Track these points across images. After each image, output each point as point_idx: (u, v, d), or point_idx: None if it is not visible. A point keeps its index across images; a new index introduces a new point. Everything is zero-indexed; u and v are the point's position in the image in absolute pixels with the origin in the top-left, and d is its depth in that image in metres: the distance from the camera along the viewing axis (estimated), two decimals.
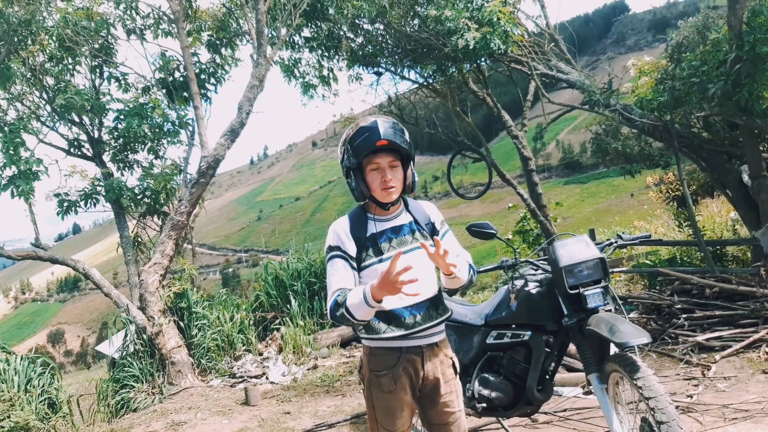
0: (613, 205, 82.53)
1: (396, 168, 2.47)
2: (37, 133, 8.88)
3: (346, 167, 2.52)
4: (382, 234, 2.50)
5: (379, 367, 2.48)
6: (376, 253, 2.46)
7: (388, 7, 8.83)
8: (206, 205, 9.20)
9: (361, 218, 2.54)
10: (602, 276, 3.23)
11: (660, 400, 2.62)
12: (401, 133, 2.46)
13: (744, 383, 4.68)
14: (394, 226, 2.53)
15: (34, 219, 8.48)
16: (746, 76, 6.12)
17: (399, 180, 2.48)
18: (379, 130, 2.40)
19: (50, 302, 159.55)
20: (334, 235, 2.50)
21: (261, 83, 8.11)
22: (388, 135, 2.40)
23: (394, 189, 2.46)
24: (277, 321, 8.69)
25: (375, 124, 2.42)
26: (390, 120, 2.48)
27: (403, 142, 2.44)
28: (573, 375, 5.22)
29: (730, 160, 8.03)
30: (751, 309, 5.81)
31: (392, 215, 2.55)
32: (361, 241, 2.48)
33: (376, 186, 2.46)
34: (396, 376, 2.45)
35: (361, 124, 2.46)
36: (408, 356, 2.47)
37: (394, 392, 2.46)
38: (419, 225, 2.57)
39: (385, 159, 2.45)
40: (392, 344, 2.46)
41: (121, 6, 9.25)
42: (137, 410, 6.76)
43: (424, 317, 2.46)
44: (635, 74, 8.00)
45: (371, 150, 2.42)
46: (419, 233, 2.55)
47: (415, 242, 2.50)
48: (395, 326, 2.43)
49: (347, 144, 2.49)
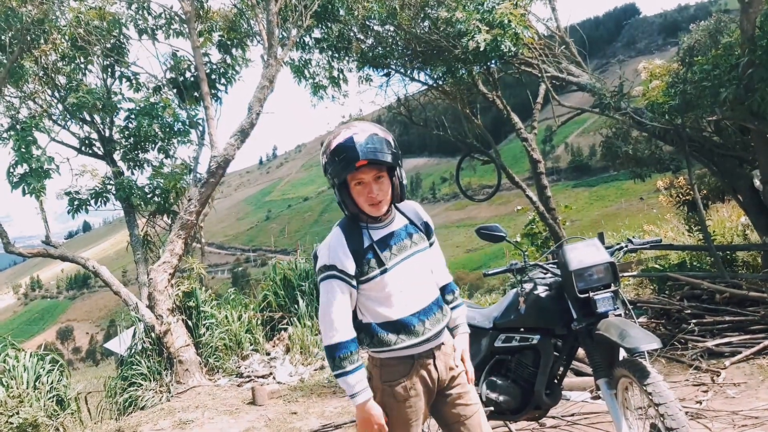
0: (622, 209, 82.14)
1: (382, 179, 2.32)
2: (49, 131, 8.95)
3: (330, 183, 2.38)
4: (381, 242, 2.38)
5: (392, 377, 2.40)
6: (379, 264, 2.35)
7: (398, 8, 8.83)
8: (215, 204, 9.23)
9: (354, 229, 2.39)
10: (612, 280, 3.22)
11: (670, 406, 2.60)
12: (382, 145, 2.26)
13: (754, 390, 4.65)
14: (391, 231, 2.42)
15: (44, 217, 8.54)
16: (759, 81, 6.07)
17: (386, 192, 2.34)
18: (357, 151, 2.21)
19: (60, 299, 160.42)
20: (330, 253, 2.35)
21: (271, 84, 8.13)
22: (369, 153, 2.22)
23: (382, 202, 2.34)
24: (284, 321, 8.71)
25: (351, 141, 2.22)
26: (369, 131, 2.27)
27: (385, 156, 2.25)
28: (581, 379, 5.20)
29: (741, 165, 7.96)
30: (761, 315, 5.76)
31: (386, 222, 2.43)
32: (359, 254, 2.34)
33: (362, 201, 2.32)
34: (411, 383, 2.39)
35: (336, 140, 2.27)
36: (421, 362, 2.41)
37: (409, 400, 2.40)
38: (415, 225, 2.50)
39: (369, 174, 2.28)
40: (404, 353, 2.39)
41: (133, 6, 9.32)
42: (145, 408, 6.80)
43: (432, 321, 2.41)
44: (646, 77, 7.95)
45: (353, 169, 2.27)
46: (417, 234, 2.48)
47: (414, 245, 2.43)
48: (405, 336, 2.37)
49: (327, 163, 2.32)
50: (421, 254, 2.46)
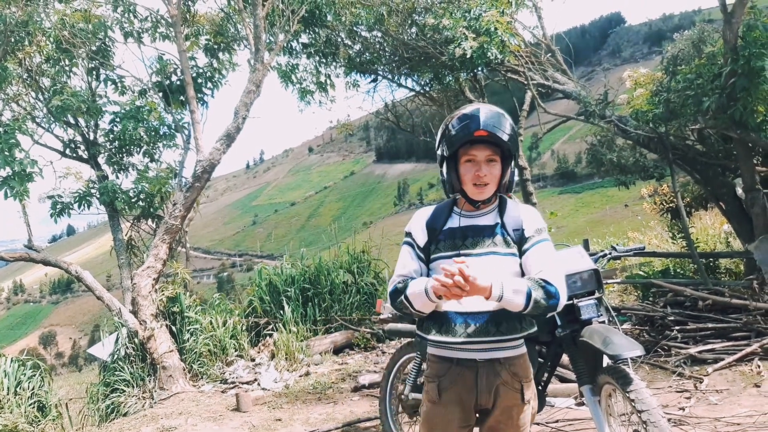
0: (607, 215, 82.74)
1: (494, 163, 2.27)
2: (33, 134, 8.84)
3: (440, 156, 2.36)
4: (462, 230, 2.32)
5: (429, 374, 2.36)
6: (451, 248, 2.30)
7: (386, 14, 8.86)
8: (201, 208, 9.15)
9: (446, 211, 2.39)
10: (596, 287, 3.24)
11: (652, 413, 2.62)
12: (504, 125, 2.25)
13: (736, 396, 4.69)
14: (477, 225, 2.32)
15: (27, 220, 8.42)
16: (741, 90, 6.16)
17: (495, 176, 2.27)
18: (479, 119, 2.21)
19: (42, 304, 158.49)
20: (413, 222, 2.42)
21: (258, 88, 8.10)
22: (489, 126, 2.21)
23: (488, 186, 2.27)
24: (269, 327, 8.65)
25: (477, 112, 2.23)
26: (496, 110, 2.29)
27: (505, 136, 2.24)
28: (566, 386, 5.22)
29: (724, 173, 8.06)
30: (743, 322, 5.83)
31: (479, 213, 2.35)
32: (435, 233, 2.34)
33: (468, 179, 2.27)
34: (443, 386, 2.29)
35: (463, 110, 2.29)
36: (459, 369, 2.28)
37: (438, 404, 2.30)
38: (505, 230, 2.32)
39: (483, 152, 2.25)
40: (443, 353, 2.32)
41: (119, 9, 9.25)
42: (127, 415, 6.72)
43: (477, 330, 2.23)
44: (631, 86, 8.03)
45: (468, 140, 2.25)
46: (501, 238, 2.30)
47: (493, 246, 2.28)
48: (443, 331, 2.28)
49: (445, 131, 2.31)
50: (498, 257, 2.28)
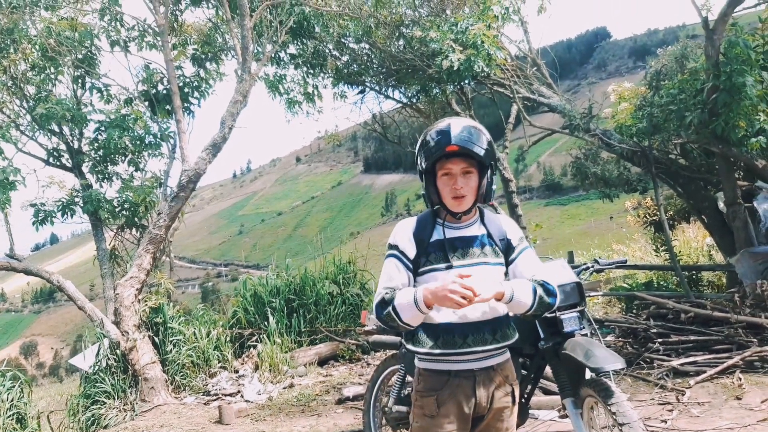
0: (592, 228, 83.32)
1: (470, 175, 2.30)
2: (16, 141, 8.75)
3: (419, 171, 2.40)
4: (450, 242, 2.33)
5: (423, 388, 2.32)
6: (442, 260, 2.31)
7: (373, 27, 8.92)
8: (187, 217, 9.11)
9: (429, 222, 2.39)
10: (579, 300, 3.25)
11: (633, 426, 2.63)
12: (478, 137, 2.29)
13: (717, 409, 4.72)
14: (464, 236, 2.36)
15: (9, 229, 8.32)
16: (723, 106, 6.25)
17: (472, 188, 2.31)
18: (450, 134, 2.25)
19: (24, 313, 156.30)
20: (397, 234, 2.39)
21: (245, 99, 8.10)
22: (460, 140, 2.25)
23: (465, 198, 2.30)
24: (254, 338, 8.59)
25: (448, 127, 2.27)
26: (468, 123, 2.33)
27: (477, 148, 2.27)
28: (549, 398, 5.22)
29: (706, 187, 8.17)
30: (725, 335, 5.88)
31: (463, 224, 2.38)
32: (423, 245, 2.33)
33: (446, 193, 2.31)
34: (441, 400, 2.28)
35: (437, 126, 2.33)
36: (457, 381, 2.28)
37: (436, 418, 2.27)
38: (492, 239, 2.39)
39: (458, 165, 2.28)
40: (440, 366, 2.30)
41: (105, 18, 9.21)
42: (108, 427, 6.62)
43: (476, 339, 2.27)
44: (615, 100, 8.14)
45: (442, 155, 2.28)
46: (490, 248, 2.37)
47: (483, 256, 2.33)
48: (441, 343, 2.27)
49: (421, 146, 2.36)
50: (489, 267, 2.33)
